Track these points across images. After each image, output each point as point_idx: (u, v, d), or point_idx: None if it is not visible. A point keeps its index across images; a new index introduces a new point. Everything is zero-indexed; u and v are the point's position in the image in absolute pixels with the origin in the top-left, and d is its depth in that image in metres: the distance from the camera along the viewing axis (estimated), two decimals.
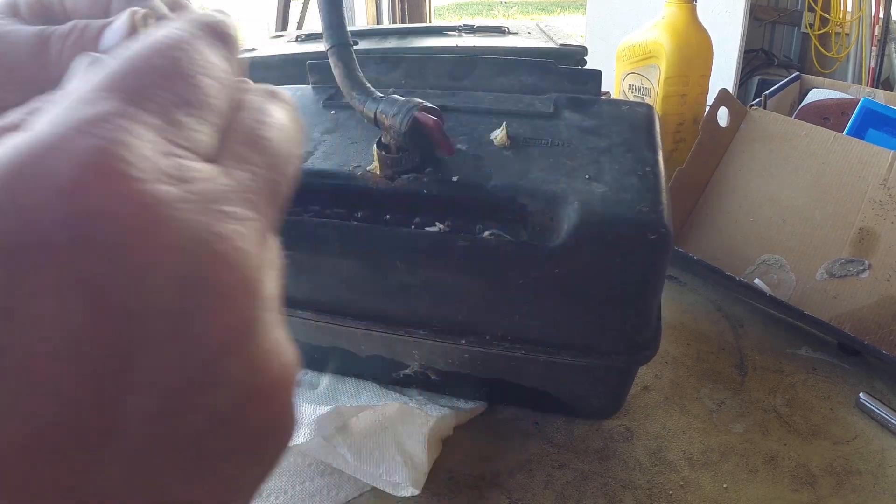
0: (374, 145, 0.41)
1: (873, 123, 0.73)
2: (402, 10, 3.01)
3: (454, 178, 0.40)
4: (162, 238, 0.11)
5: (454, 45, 0.89)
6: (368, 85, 0.42)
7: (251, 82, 0.17)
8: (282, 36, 1.03)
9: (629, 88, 0.76)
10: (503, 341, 0.43)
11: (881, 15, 1.88)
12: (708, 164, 0.69)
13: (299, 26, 2.96)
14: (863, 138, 0.71)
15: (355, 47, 0.44)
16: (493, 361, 0.46)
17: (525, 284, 0.39)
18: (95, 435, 0.10)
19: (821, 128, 0.67)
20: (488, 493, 0.44)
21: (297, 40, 0.97)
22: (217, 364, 0.11)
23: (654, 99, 0.72)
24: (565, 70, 0.50)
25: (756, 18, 2.01)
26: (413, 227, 0.40)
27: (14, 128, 0.12)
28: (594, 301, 0.39)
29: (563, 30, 0.99)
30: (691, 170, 0.66)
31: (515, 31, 0.98)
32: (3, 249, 0.10)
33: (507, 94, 0.51)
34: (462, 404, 0.51)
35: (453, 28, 0.99)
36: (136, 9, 0.22)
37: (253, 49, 0.92)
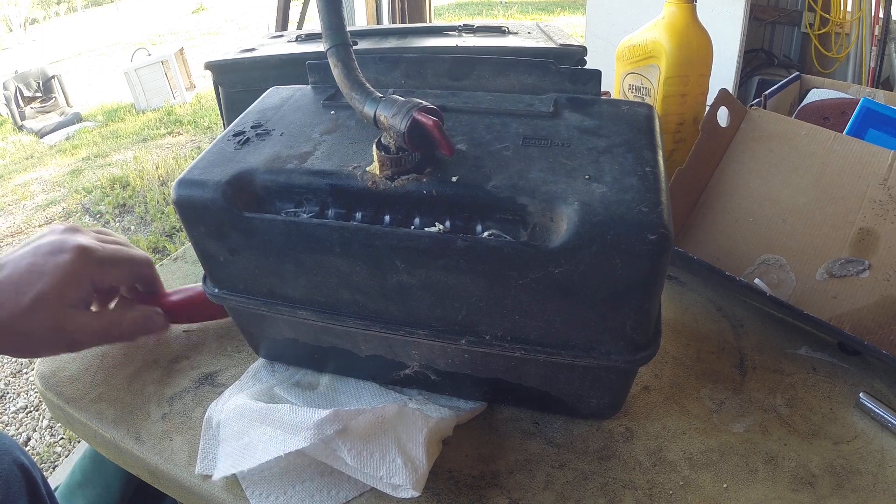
0: (374, 145, 0.41)
1: (873, 123, 0.73)
2: (402, 10, 3.02)
3: (454, 178, 0.40)
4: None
5: (454, 45, 0.89)
6: (368, 85, 0.42)
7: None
8: (282, 36, 1.03)
9: (629, 88, 0.76)
10: (503, 341, 0.43)
11: (881, 15, 1.88)
12: (708, 164, 0.69)
13: (299, 26, 2.96)
14: (863, 138, 0.71)
15: (355, 47, 0.44)
16: (493, 361, 0.46)
17: (525, 284, 0.39)
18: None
19: (821, 128, 0.67)
20: (488, 493, 0.44)
21: (297, 40, 0.97)
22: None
23: (654, 99, 0.72)
24: (565, 70, 0.50)
25: (756, 18, 2.02)
26: (413, 227, 0.40)
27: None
28: (594, 301, 0.39)
29: (563, 30, 0.99)
30: (691, 170, 0.66)
31: (515, 31, 0.98)
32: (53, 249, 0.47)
33: (506, 94, 0.51)
34: (462, 404, 0.51)
35: (453, 28, 1.00)
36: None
37: (253, 49, 0.92)
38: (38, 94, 4.72)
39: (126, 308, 0.54)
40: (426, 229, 0.39)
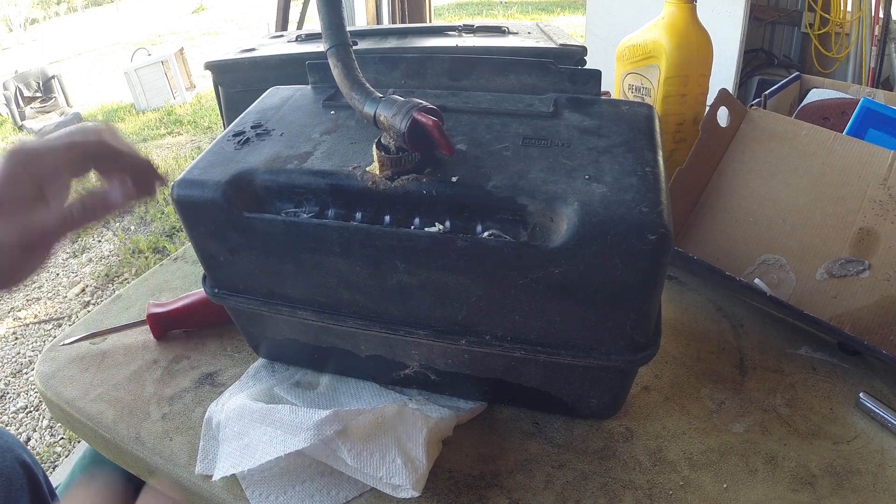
0: (374, 145, 0.41)
1: (873, 123, 0.73)
2: (402, 10, 3.02)
3: (454, 178, 0.40)
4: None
5: (454, 45, 0.89)
6: (368, 85, 0.42)
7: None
8: (282, 36, 1.03)
9: (629, 88, 0.76)
10: (503, 341, 0.43)
11: (881, 15, 1.88)
12: (708, 164, 0.69)
13: (299, 26, 2.96)
14: (863, 138, 0.71)
15: (355, 47, 0.44)
16: (493, 361, 0.46)
17: (525, 284, 0.39)
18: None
19: (821, 128, 0.67)
20: (488, 493, 0.44)
21: (297, 40, 0.97)
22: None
23: (654, 99, 0.72)
24: (565, 70, 0.50)
25: (756, 18, 2.01)
26: (413, 227, 0.40)
27: None
28: (594, 301, 0.39)
29: (563, 30, 0.99)
30: (691, 170, 0.66)
31: (515, 31, 0.98)
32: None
33: (506, 94, 0.51)
34: (462, 404, 0.51)
35: (453, 28, 1.00)
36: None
37: (253, 49, 0.92)
38: (38, 94, 4.72)
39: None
40: (426, 229, 0.39)
